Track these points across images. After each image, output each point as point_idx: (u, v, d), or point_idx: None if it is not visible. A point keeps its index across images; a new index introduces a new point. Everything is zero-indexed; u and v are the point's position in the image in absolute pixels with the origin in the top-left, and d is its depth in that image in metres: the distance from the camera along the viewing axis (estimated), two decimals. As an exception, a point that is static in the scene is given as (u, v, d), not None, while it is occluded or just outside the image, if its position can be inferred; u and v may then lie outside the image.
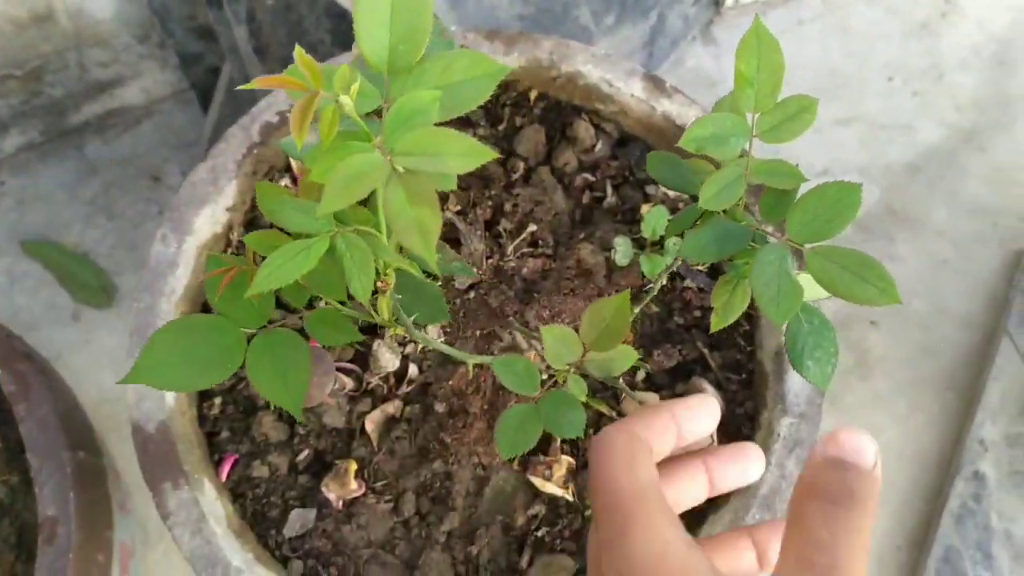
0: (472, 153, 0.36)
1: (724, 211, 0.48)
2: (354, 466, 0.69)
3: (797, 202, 0.46)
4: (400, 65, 0.40)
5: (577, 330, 0.66)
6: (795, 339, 0.48)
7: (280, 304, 0.50)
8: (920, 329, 1.11)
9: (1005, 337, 1.06)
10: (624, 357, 0.55)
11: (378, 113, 0.40)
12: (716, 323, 0.49)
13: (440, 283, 0.71)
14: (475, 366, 0.71)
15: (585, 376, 0.58)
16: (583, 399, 0.57)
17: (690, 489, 0.44)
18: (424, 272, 0.49)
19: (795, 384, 0.67)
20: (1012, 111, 1.21)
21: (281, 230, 0.48)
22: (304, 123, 0.35)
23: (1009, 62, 1.24)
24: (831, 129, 1.19)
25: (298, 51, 0.36)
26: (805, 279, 0.47)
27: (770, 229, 0.47)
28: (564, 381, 0.58)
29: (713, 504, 0.69)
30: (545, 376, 0.58)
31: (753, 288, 0.46)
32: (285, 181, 0.74)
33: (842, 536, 0.33)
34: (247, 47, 0.91)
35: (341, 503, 0.69)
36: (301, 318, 0.52)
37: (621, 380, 0.56)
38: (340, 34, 0.92)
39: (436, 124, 0.38)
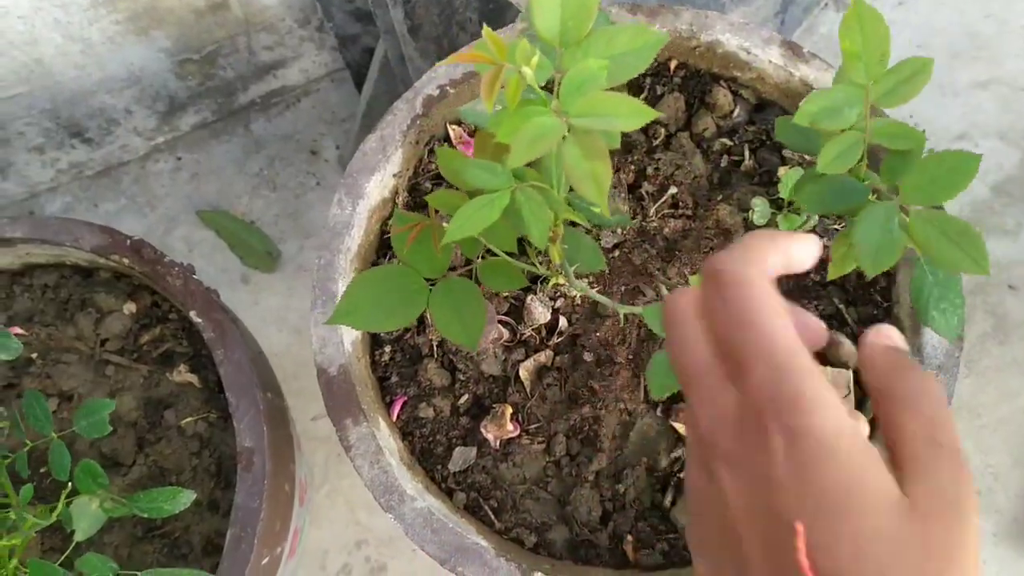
0: (638, 113, 0.41)
1: (849, 171, 0.52)
2: (509, 410, 0.76)
3: (915, 165, 0.49)
4: (570, 39, 0.45)
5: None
6: (920, 291, 0.51)
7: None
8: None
9: None
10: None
11: (549, 83, 0.46)
12: (833, 272, 0.53)
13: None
14: (622, 319, 0.77)
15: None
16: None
17: None
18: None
19: (933, 337, 0.69)
20: None
21: (456, 190, 0.55)
22: (493, 91, 0.41)
23: None
24: (968, 92, 1.19)
25: (486, 30, 0.42)
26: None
27: (890, 191, 0.51)
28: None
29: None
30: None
31: (854, 239, 0.49)
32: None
33: (945, 412, 0.33)
34: (402, 27, 0.98)
35: (498, 443, 0.75)
36: (473, 269, 0.58)
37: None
38: (487, 12, 0.98)
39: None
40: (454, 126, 0.82)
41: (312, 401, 1.13)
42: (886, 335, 0.37)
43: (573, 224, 0.56)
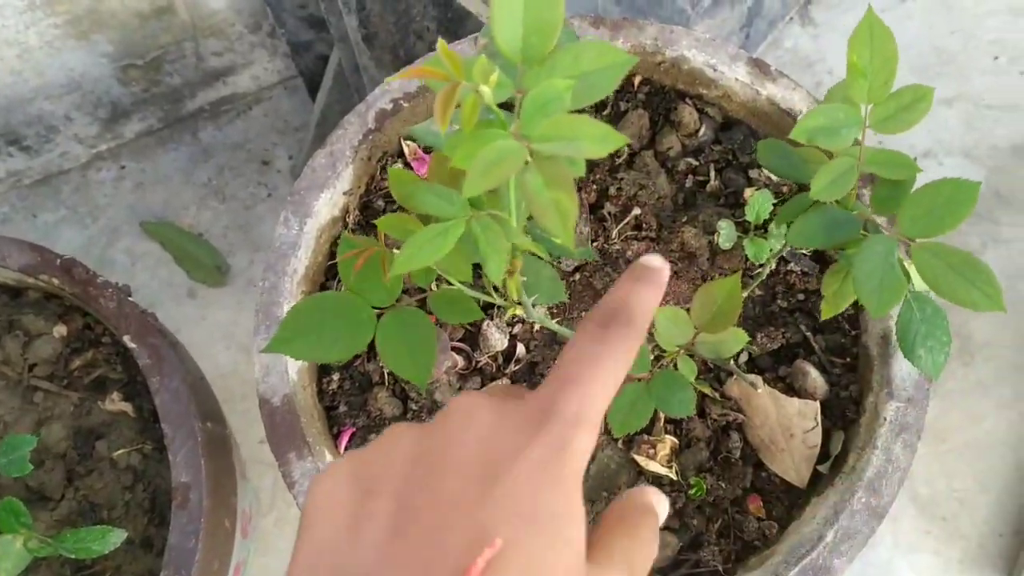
0: (606, 138, 0.37)
1: (836, 201, 0.49)
2: (464, 440, 0.72)
3: (911, 196, 0.46)
4: (533, 56, 0.41)
5: (687, 312, 0.68)
6: (907, 328, 0.49)
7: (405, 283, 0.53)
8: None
9: (1117, 324, 1.03)
10: (735, 339, 0.57)
11: (510, 103, 0.42)
12: (827, 311, 0.50)
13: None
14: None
15: (691, 357, 0.59)
16: (692, 380, 0.58)
17: None
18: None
19: (902, 368, 0.67)
20: None
21: (409, 212, 0.51)
22: (447, 111, 0.37)
23: (1125, 39, 1.20)
24: (935, 109, 1.16)
25: (441, 44, 0.39)
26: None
27: (881, 220, 0.48)
28: (673, 361, 0.59)
29: (816, 487, 0.70)
30: (653, 356, 0.60)
31: (855, 277, 0.46)
32: (398, 165, 0.77)
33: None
34: (357, 36, 0.94)
35: (452, 475, 0.72)
36: (425, 297, 0.54)
37: (732, 362, 0.57)
38: (445, 22, 0.94)
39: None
40: (408, 141, 0.78)
41: (260, 423, 1.08)
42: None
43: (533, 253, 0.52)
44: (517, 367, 0.73)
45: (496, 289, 0.53)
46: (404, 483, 0.30)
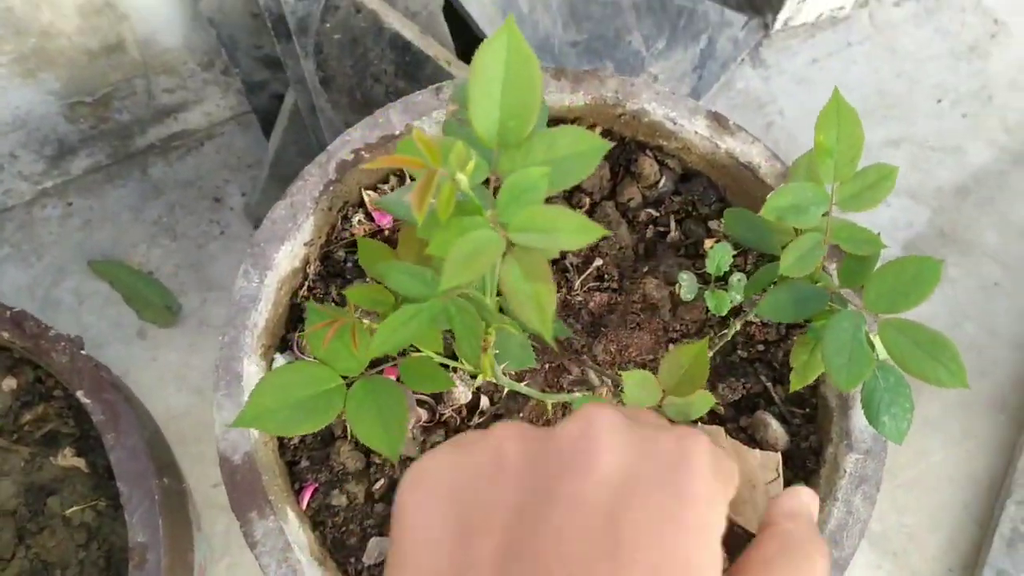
0: (583, 230, 0.38)
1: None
2: (427, 495, 0.72)
3: (876, 272, 0.47)
4: (509, 140, 0.42)
5: (644, 366, 0.68)
6: (871, 396, 0.50)
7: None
8: (971, 352, 1.12)
9: (1057, 361, 1.06)
10: (702, 401, 0.57)
11: (485, 183, 0.43)
12: (795, 382, 0.51)
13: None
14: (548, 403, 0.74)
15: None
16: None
17: None
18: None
19: (861, 420, 0.68)
20: (1063, 132, 1.22)
21: (377, 283, 0.50)
22: (425, 201, 0.37)
23: (1060, 83, 1.24)
24: (881, 151, 1.20)
25: (416, 132, 0.39)
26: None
27: (847, 293, 0.49)
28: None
29: (778, 536, 0.70)
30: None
31: (824, 353, 0.47)
32: (359, 216, 0.77)
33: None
34: (314, 79, 0.93)
35: (415, 530, 0.71)
36: (394, 364, 0.54)
37: (699, 424, 0.57)
38: (403, 65, 0.94)
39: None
40: (369, 191, 0.78)
41: (213, 466, 1.05)
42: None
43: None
44: (481, 419, 0.73)
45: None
46: (516, 521, 0.26)
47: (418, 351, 0.53)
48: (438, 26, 1.00)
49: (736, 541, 0.72)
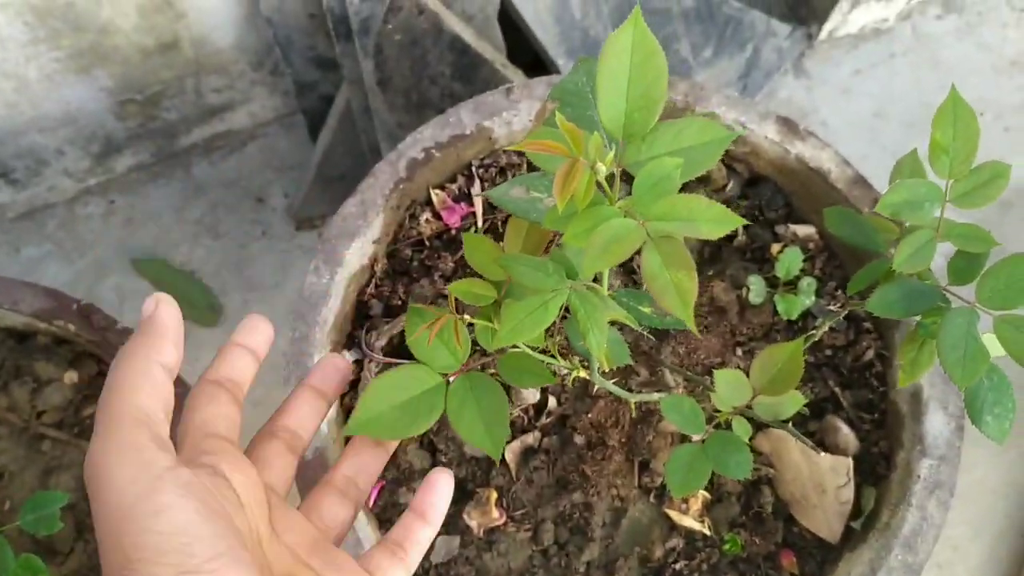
0: (723, 219, 0.38)
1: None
2: (494, 495, 0.71)
3: (989, 269, 0.47)
4: (635, 131, 0.42)
5: (712, 368, 0.68)
6: (975, 395, 0.49)
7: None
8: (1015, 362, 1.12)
9: (1103, 375, 1.06)
10: (792, 401, 0.57)
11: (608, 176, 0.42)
12: (903, 379, 0.51)
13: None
14: (613, 400, 0.73)
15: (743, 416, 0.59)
16: (747, 440, 0.58)
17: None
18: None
19: (934, 426, 0.68)
20: (1104, 147, 1.22)
21: (475, 276, 0.50)
22: (569, 189, 0.37)
23: (1100, 98, 1.25)
24: (925, 164, 1.20)
25: (561, 119, 0.38)
26: (988, 338, 0.49)
27: (958, 291, 0.49)
28: (726, 421, 0.59)
29: (848, 543, 0.70)
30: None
31: (939, 350, 0.47)
32: (426, 215, 0.77)
33: None
34: (371, 79, 0.93)
35: (482, 531, 0.71)
36: (492, 361, 0.53)
37: (790, 424, 0.57)
38: (460, 67, 0.95)
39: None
40: (436, 191, 0.77)
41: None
42: None
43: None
44: (548, 420, 0.73)
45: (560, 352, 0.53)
46: None
47: (516, 347, 0.53)
48: (491, 29, 1.00)
49: (803, 544, 0.71)
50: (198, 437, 0.41)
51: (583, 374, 0.54)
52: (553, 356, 0.53)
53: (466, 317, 0.50)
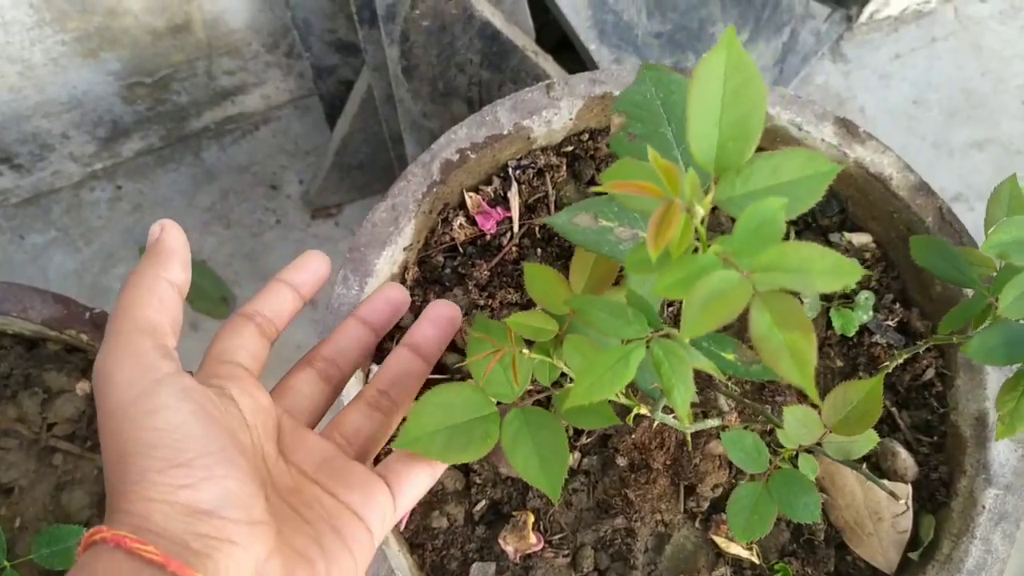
0: (840, 271, 0.33)
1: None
2: (531, 518, 0.67)
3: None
4: (727, 164, 0.37)
5: (764, 387, 0.64)
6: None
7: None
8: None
9: None
10: (866, 441, 0.53)
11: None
12: (1001, 432, 0.47)
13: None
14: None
15: (809, 452, 0.55)
16: (813, 478, 0.54)
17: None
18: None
19: (1000, 453, 0.64)
20: None
21: (532, 307, 0.46)
22: (665, 236, 0.33)
23: None
24: (964, 152, 1.16)
25: (653, 155, 0.34)
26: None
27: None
28: (791, 457, 0.55)
29: (905, 573, 0.67)
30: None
31: None
32: (460, 220, 0.72)
33: None
34: (396, 67, 0.88)
35: (518, 556, 0.67)
36: (545, 395, 0.49)
37: (865, 466, 0.53)
38: (490, 55, 0.89)
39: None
40: (471, 193, 0.73)
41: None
42: None
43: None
44: (589, 440, 0.69)
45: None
46: None
47: (571, 380, 0.48)
48: (521, 12, 0.95)
49: (856, 574, 0.68)
50: (213, 363, 0.43)
51: (645, 411, 0.50)
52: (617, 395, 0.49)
53: (525, 352, 0.46)
